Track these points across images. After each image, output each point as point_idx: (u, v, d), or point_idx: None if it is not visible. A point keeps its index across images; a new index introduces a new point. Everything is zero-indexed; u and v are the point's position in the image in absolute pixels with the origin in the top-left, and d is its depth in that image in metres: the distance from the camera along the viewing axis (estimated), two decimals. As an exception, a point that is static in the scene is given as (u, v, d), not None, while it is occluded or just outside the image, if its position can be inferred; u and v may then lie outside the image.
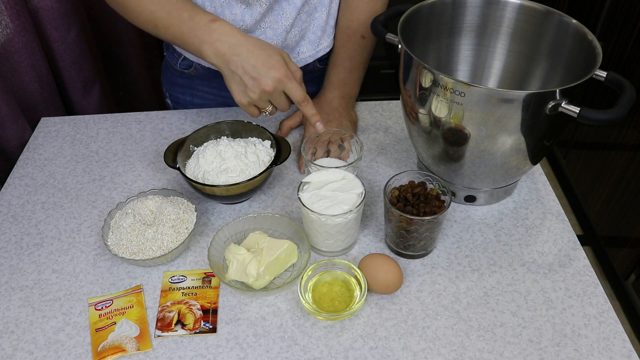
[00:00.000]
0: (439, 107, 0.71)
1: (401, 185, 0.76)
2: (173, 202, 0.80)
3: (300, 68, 0.99)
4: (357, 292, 0.69)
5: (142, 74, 1.49)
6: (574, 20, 0.76)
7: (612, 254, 1.72)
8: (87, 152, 0.96)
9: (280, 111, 0.82)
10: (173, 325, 0.68)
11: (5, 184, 0.90)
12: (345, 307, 0.68)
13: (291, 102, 0.81)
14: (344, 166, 0.79)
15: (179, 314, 0.70)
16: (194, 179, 0.79)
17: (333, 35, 0.98)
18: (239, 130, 0.87)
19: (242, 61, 0.75)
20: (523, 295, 0.72)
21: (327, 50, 1.00)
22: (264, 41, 0.79)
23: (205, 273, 0.75)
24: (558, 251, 0.78)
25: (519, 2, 0.80)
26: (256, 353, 0.66)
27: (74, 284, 0.74)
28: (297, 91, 0.78)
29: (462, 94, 0.67)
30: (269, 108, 0.80)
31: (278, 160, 0.81)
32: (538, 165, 0.89)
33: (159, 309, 0.70)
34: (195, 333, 0.68)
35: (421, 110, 0.74)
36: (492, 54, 0.86)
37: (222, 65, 0.77)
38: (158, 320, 0.69)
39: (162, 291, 0.73)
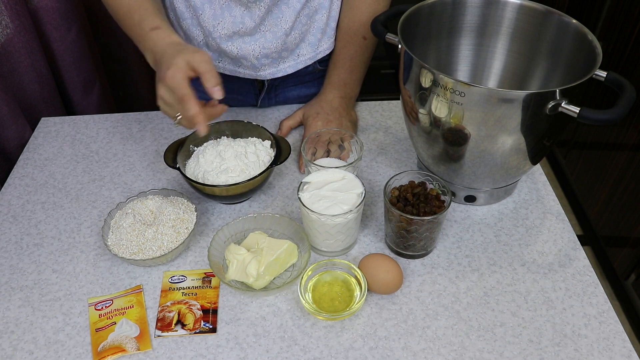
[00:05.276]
0: (439, 107, 0.71)
1: (401, 185, 0.76)
2: (173, 202, 0.80)
3: (301, 69, 1.00)
4: (357, 292, 0.69)
5: (142, 74, 1.49)
6: (574, 20, 0.76)
7: (612, 254, 1.72)
8: (87, 152, 0.96)
9: (189, 121, 0.72)
10: (173, 325, 0.68)
11: (5, 184, 0.90)
12: (345, 307, 0.68)
13: (210, 107, 0.74)
14: (344, 166, 0.79)
15: (179, 314, 0.70)
16: (194, 179, 0.79)
17: (333, 38, 0.98)
18: (239, 130, 0.87)
19: (159, 69, 0.74)
20: (523, 295, 0.72)
21: (327, 52, 1.00)
22: (184, 46, 0.74)
23: (205, 273, 0.75)
24: (558, 251, 0.78)
25: (519, 2, 0.80)
26: (256, 353, 0.66)
27: (74, 284, 0.74)
28: (178, 90, 0.70)
29: (462, 94, 0.67)
30: (178, 116, 0.73)
31: (278, 160, 0.81)
32: (538, 165, 0.89)
33: (159, 309, 0.70)
34: (195, 333, 0.68)
35: (421, 110, 0.74)
36: (492, 54, 0.86)
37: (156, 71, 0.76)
38: (158, 320, 0.69)
39: (162, 291, 0.73)
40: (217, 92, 0.71)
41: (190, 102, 0.70)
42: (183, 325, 0.68)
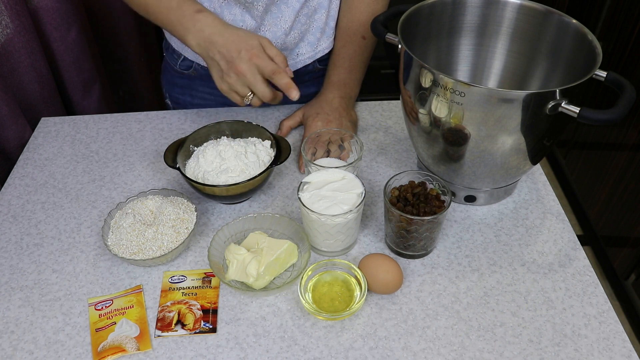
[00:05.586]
0: (439, 107, 0.71)
1: (401, 185, 0.76)
2: (173, 202, 0.80)
3: (300, 69, 1.00)
4: (357, 292, 0.69)
5: (142, 74, 1.49)
6: (574, 20, 0.76)
7: (612, 254, 1.72)
8: (87, 152, 0.96)
9: (262, 100, 0.82)
10: (173, 325, 0.68)
11: (5, 184, 0.90)
12: (345, 307, 0.68)
13: (275, 90, 0.81)
14: (344, 166, 0.79)
15: (179, 314, 0.70)
16: (194, 179, 0.79)
17: (332, 37, 0.99)
18: (239, 130, 0.87)
19: (219, 47, 0.78)
20: (523, 295, 0.72)
21: (326, 51, 1.00)
22: (243, 29, 0.80)
23: (205, 273, 0.75)
24: (558, 251, 0.78)
25: (519, 2, 0.80)
26: (256, 353, 0.66)
27: (74, 284, 0.74)
28: (267, 65, 0.78)
29: (462, 94, 0.67)
30: (250, 95, 0.80)
31: (278, 160, 0.81)
32: (538, 165, 0.89)
33: (159, 309, 0.70)
34: (195, 333, 0.68)
35: (421, 110, 0.74)
36: (492, 54, 0.86)
37: (203, 53, 0.80)
38: (158, 320, 0.69)
39: (162, 291, 0.73)
40: (289, 72, 0.80)
41: (283, 73, 0.79)
42: (183, 325, 0.68)
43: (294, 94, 0.80)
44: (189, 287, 0.73)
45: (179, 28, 0.81)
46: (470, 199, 0.83)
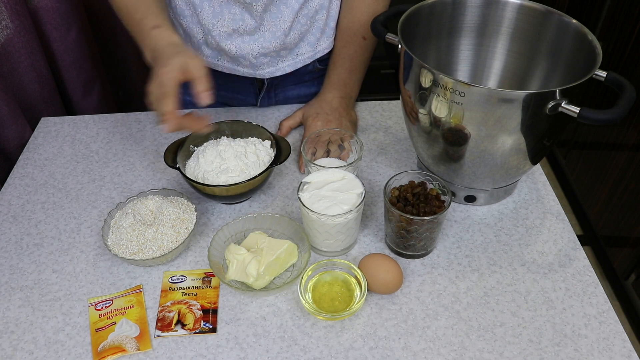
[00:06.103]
0: (439, 107, 0.71)
1: (401, 185, 0.76)
2: (173, 202, 0.80)
3: (300, 69, 1.00)
4: (357, 292, 0.69)
5: (142, 74, 1.48)
6: (574, 20, 0.76)
7: (612, 254, 1.72)
8: (87, 152, 0.96)
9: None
10: (173, 325, 0.68)
11: (5, 184, 0.90)
12: (345, 307, 0.68)
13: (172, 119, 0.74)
14: (344, 166, 0.79)
15: (179, 314, 0.70)
16: (194, 179, 0.79)
17: (333, 37, 0.99)
18: (239, 130, 0.87)
19: (155, 66, 0.76)
20: (523, 295, 0.72)
21: (326, 51, 1.00)
22: (182, 49, 0.76)
23: (205, 273, 0.75)
24: (558, 251, 0.78)
25: (519, 2, 0.80)
26: (256, 353, 0.66)
27: (74, 284, 0.74)
28: (164, 86, 0.71)
29: (462, 94, 0.67)
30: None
31: (278, 160, 0.81)
32: (538, 165, 0.89)
33: (159, 309, 0.70)
34: (195, 333, 0.68)
35: (421, 110, 0.74)
36: (492, 54, 0.86)
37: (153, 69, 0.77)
38: (158, 320, 0.69)
39: (162, 291, 0.73)
40: (205, 97, 0.72)
41: (169, 100, 0.71)
42: (183, 325, 0.68)
43: (162, 129, 0.72)
44: (189, 287, 0.73)
45: (139, 42, 0.82)
46: (470, 199, 0.83)
